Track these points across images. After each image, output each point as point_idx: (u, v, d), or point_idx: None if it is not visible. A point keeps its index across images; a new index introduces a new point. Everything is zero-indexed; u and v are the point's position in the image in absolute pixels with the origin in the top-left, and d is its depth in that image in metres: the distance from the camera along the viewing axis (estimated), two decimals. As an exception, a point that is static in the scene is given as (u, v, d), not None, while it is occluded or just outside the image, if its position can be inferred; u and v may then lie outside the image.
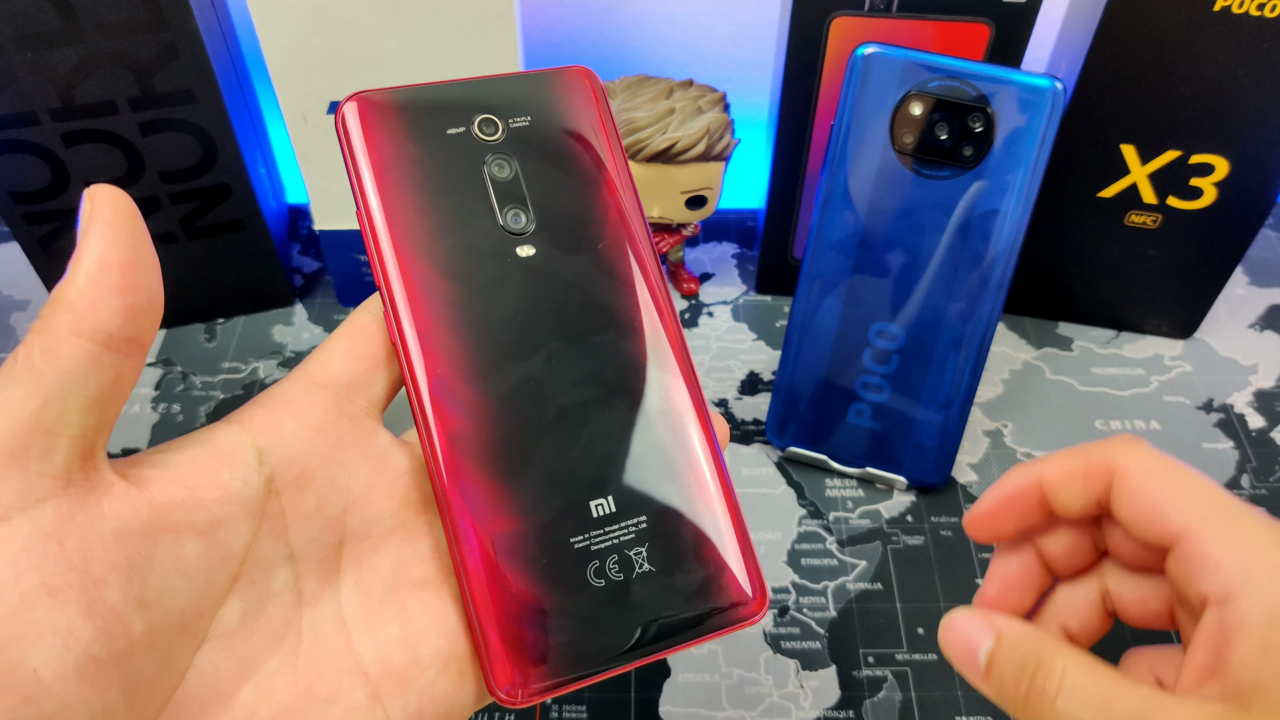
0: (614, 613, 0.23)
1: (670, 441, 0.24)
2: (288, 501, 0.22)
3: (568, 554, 0.23)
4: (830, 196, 0.40)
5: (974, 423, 0.47)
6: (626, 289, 0.25)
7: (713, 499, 0.24)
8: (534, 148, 0.25)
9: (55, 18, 0.39)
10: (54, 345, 0.18)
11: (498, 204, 0.24)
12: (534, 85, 0.25)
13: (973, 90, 0.37)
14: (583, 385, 0.24)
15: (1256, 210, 0.45)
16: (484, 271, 0.24)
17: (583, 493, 0.23)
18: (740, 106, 0.62)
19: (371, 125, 0.24)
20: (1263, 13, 0.39)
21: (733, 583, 0.24)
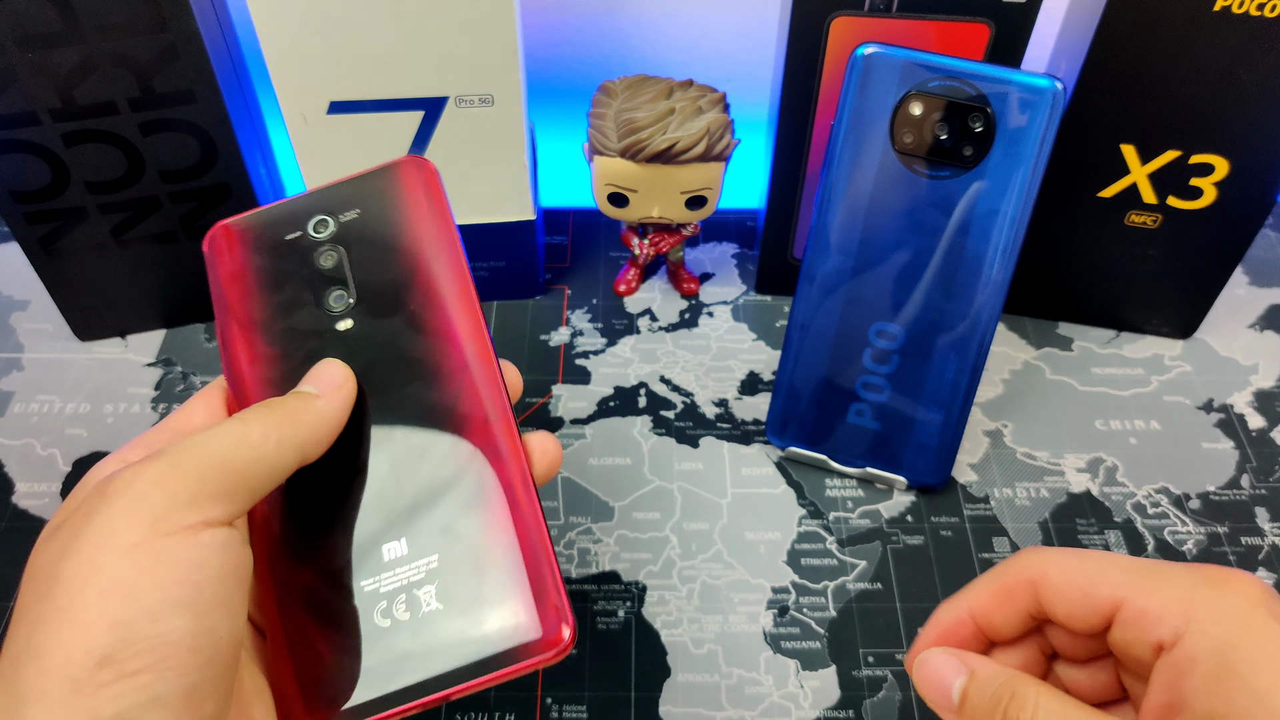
0: (397, 653, 0.23)
1: (470, 486, 0.25)
2: None
3: (358, 598, 0.24)
4: (830, 196, 0.40)
5: (974, 423, 0.47)
6: (437, 343, 0.27)
7: (512, 540, 0.24)
8: (360, 235, 0.28)
9: (56, 18, 0.39)
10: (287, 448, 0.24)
11: (322, 289, 0.27)
12: (367, 182, 0.28)
13: (973, 90, 0.37)
14: (388, 437, 0.26)
15: (1256, 210, 0.45)
16: (303, 348, 0.27)
17: (377, 537, 0.25)
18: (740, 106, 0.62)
19: (225, 247, 0.28)
20: (1263, 13, 0.39)
21: (526, 620, 0.24)
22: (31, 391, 0.48)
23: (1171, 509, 0.44)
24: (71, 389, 0.48)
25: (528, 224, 0.49)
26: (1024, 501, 0.44)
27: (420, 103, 0.43)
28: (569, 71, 0.63)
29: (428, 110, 0.43)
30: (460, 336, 0.27)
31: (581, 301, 0.53)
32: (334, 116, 0.43)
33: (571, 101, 0.64)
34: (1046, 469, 0.46)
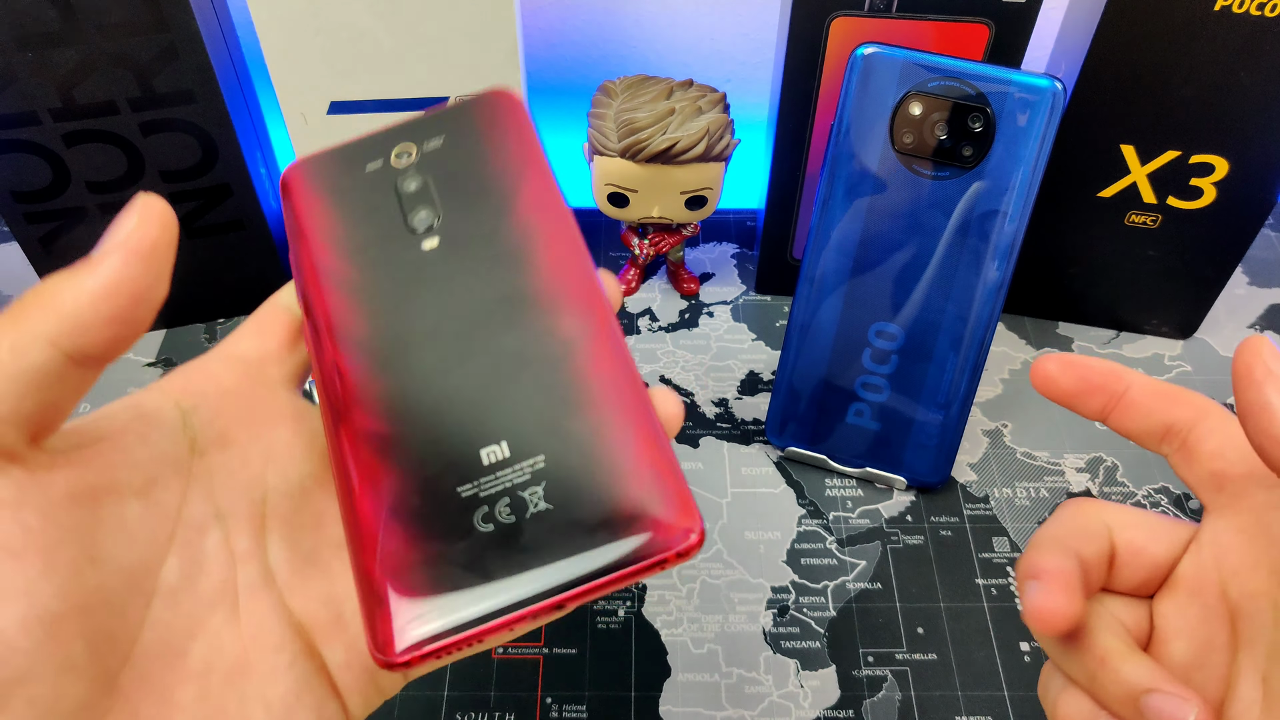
0: (503, 557, 0.21)
1: (572, 381, 0.23)
2: (212, 461, 0.23)
3: (452, 503, 0.22)
4: (830, 196, 0.40)
5: (974, 423, 0.47)
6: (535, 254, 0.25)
7: (620, 428, 0.23)
8: (445, 160, 0.27)
9: (56, 18, 0.39)
10: (26, 345, 0.19)
11: (405, 209, 0.26)
12: (450, 114, 0.28)
13: (973, 90, 0.37)
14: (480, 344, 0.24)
15: (1256, 210, 0.45)
16: (390, 264, 0.25)
17: (473, 442, 0.23)
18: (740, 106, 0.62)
19: (301, 182, 0.27)
20: (1263, 13, 0.39)
21: (648, 513, 0.22)
22: (31, 391, 0.48)
23: (1171, 509, 0.44)
24: (71, 389, 0.48)
25: (528, 224, 0.49)
26: (1024, 501, 0.44)
27: (420, 103, 0.43)
28: (569, 71, 0.63)
29: (428, 110, 0.44)
30: (555, 245, 0.25)
31: (581, 301, 0.53)
32: (334, 116, 0.43)
33: (571, 101, 0.64)
34: (1046, 469, 0.46)
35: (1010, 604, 0.41)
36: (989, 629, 0.40)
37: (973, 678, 0.38)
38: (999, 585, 0.41)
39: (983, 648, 0.39)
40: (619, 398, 0.23)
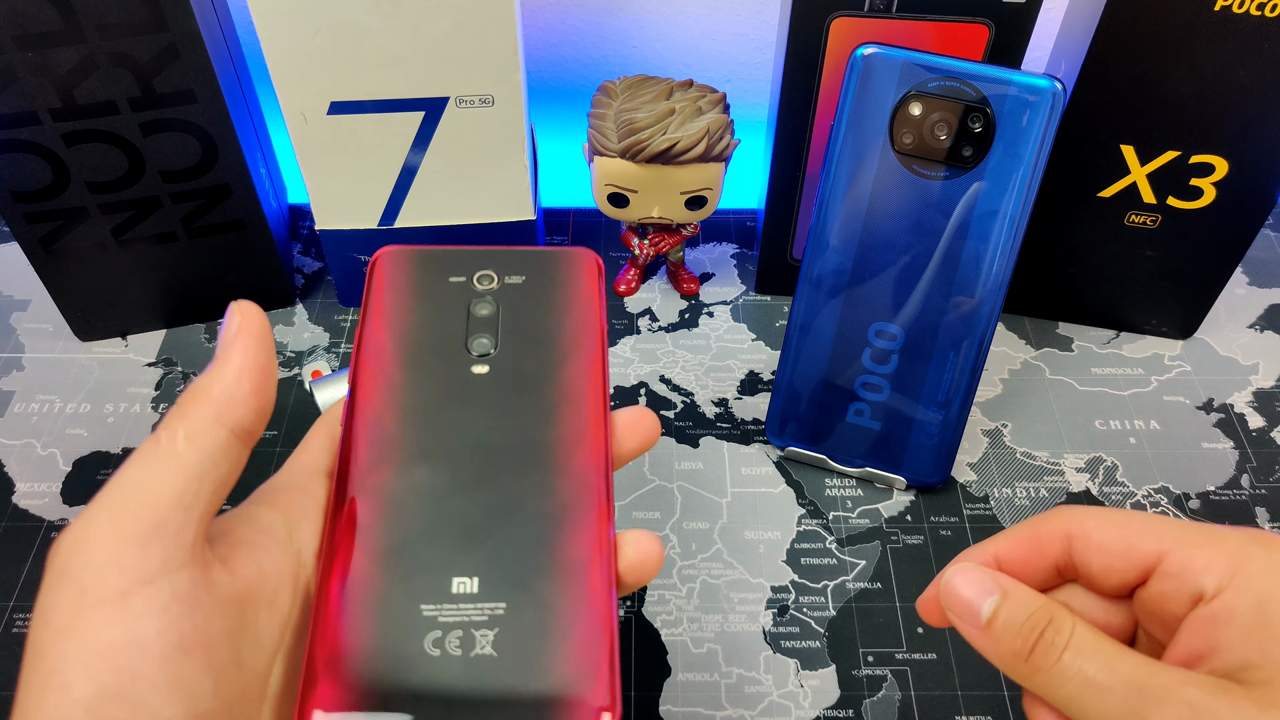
0: (438, 682, 0.23)
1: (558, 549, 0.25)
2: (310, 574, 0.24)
3: (413, 616, 0.24)
4: (830, 197, 0.40)
5: (974, 423, 0.47)
6: (562, 411, 0.27)
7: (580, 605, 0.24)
8: (519, 298, 0.29)
9: (56, 18, 0.39)
10: (199, 432, 0.21)
11: (469, 332, 0.28)
12: (540, 256, 0.30)
13: (972, 91, 0.37)
14: (488, 479, 0.26)
15: (1256, 210, 0.45)
16: (437, 377, 0.27)
17: (451, 568, 0.25)
18: (740, 107, 0.62)
19: (389, 268, 0.29)
20: (1263, 13, 0.39)
21: (576, 690, 0.23)
22: (31, 391, 0.48)
23: (1171, 509, 0.44)
24: (71, 389, 0.49)
25: (528, 224, 0.49)
26: (1023, 501, 0.44)
27: (420, 103, 0.43)
28: (569, 71, 0.63)
29: (428, 110, 0.44)
30: (582, 413, 0.27)
31: (581, 301, 0.53)
32: (334, 116, 0.43)
33: (571, 101, 0.64)
34: (1046, 469, 0.46)
35: (1010, 604, 0.41)
36: (989, 629, 0.40)
37: (973, 677, 0.39)
38: (999, 585, 0.41)
39: (982, 647, 0.39)
40: (590, 576, 0.25)
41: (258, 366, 0.23)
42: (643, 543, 0.26)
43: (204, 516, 0.21)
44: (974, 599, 0.24)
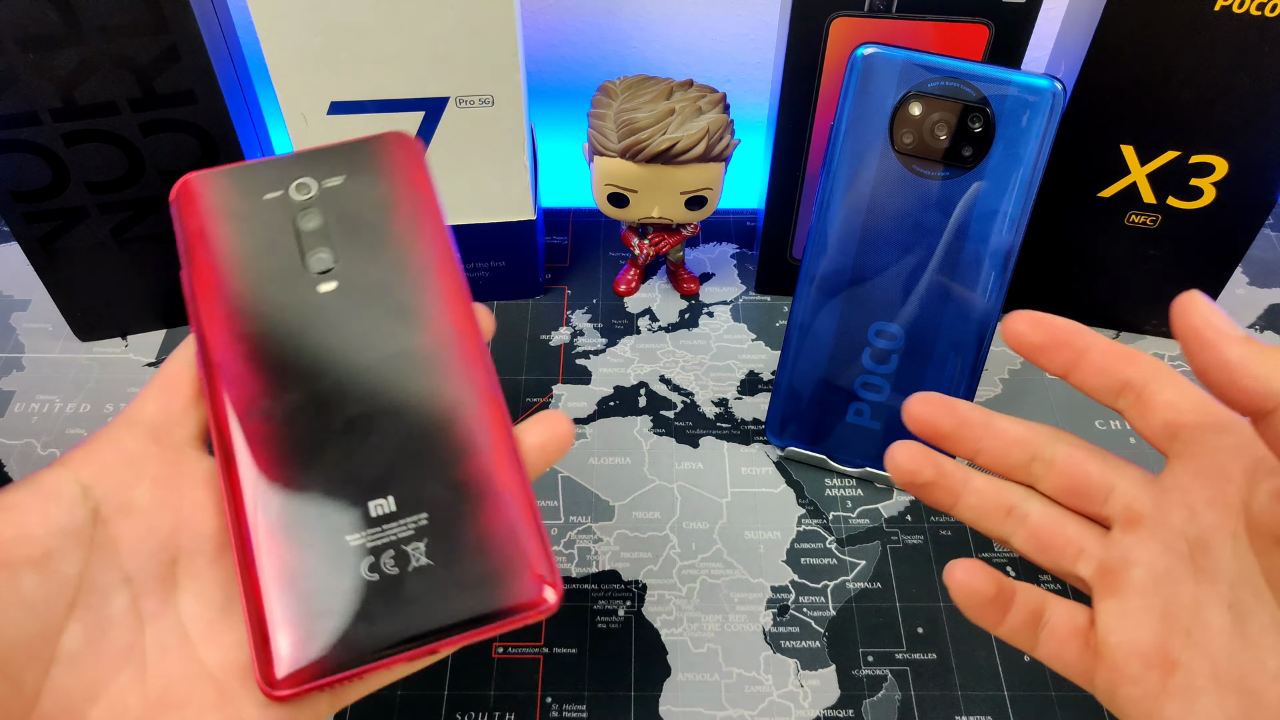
0: (387, 605, 0.23)
1: (456, 445, 0.25)
2: (116, 529, 0.24)
3: (341, 551, 0.24)
4: (830, 197, 0.40)
5: (974, 422, 0.47)
6: (422, 309, 0.26)
7: (501, 497, 0.25)
8: (344, 201, 0.27)
9: (57, 19, 0.39)
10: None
11: (304, 249, 0.27)
12: (351, 150, 0.28)
13: (972, 90, 0.37)
14: (371, 398, 0.25)
15: (1256, 210, 0.45)
16: (286, 305, 0.26)
17: (363, 494, 0.24)
18: (740, 107, 0.62)
19: (196, 199, 0.27)
20: (1263, 13, 0.39)
21: (516, 576, 0.24)
22: (31, 391, 0.48)
23: (1171, 509, 0.44)
24: (71, 389, 0.49)
25: (528, 224, 0.49)
26: None
27: (420, 103, 0.43)
28: (569, 71, 0.63)
29: (428, 110, 0.44)
30: (444, 307, 0.27)
31: (581, 301, 0.53)
32: (334, 117, 0.43)
33: (571, 101, 0.64)
34: (1046, 469, 0.46)
35: (1010, 604, 0.41)
36: (989, 629, 0.40)
37: (973, 677, 0.39)
38: (999, 585, 0.41)
39: (983, 647, 0.39)
40: (496, 462, 0.25)
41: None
42: (548, 421, 0.26)
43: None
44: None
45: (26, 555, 0.22)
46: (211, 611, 0.24)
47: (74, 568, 0.23)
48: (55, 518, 0.23)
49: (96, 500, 0.24)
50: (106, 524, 0.24)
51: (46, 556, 0.22)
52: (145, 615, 0.24)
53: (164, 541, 0.24)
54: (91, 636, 0.23)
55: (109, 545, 0.23)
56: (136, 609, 0.23)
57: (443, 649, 0.24)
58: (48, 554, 0.22)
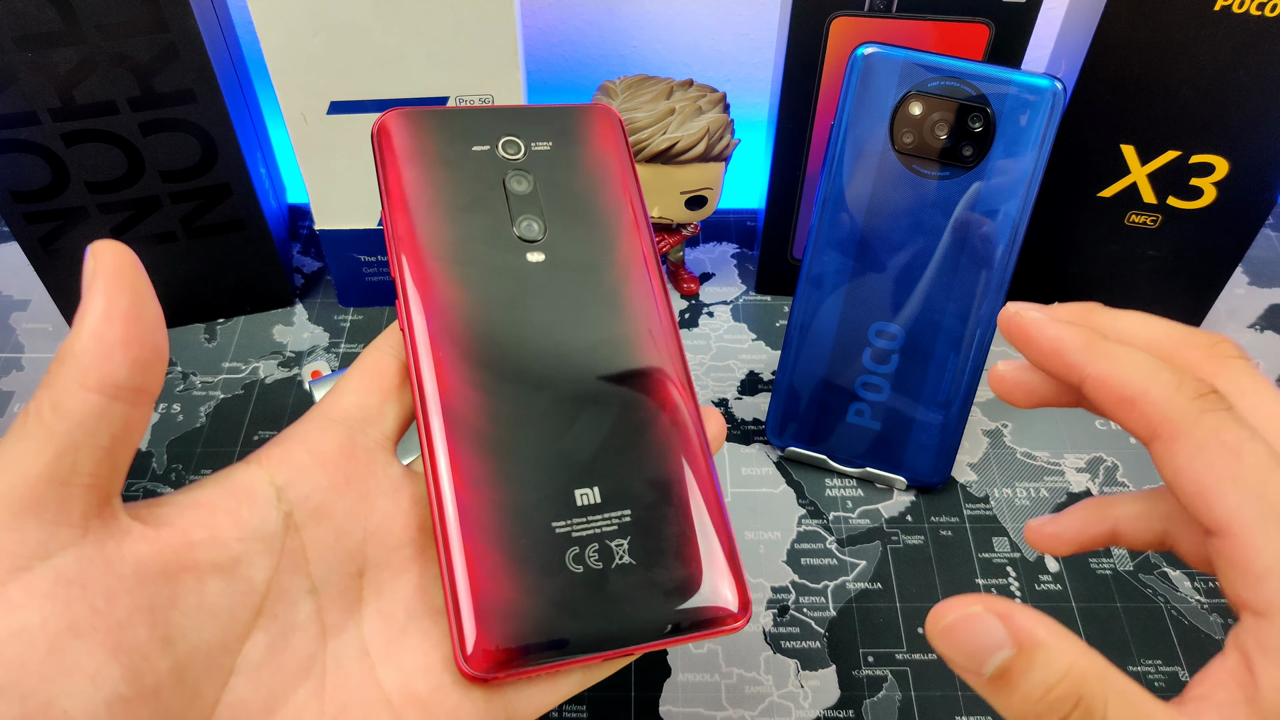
0: (589, 599, 0.23)
1: (661, 444, 0.24)
2: (307, 535, 0.22)
3: (547, 537, 0.23)
4: (830, 196, 0.40)
5: (974, 423, 0.47)
6: (629, 297, 0.26)
7: (701, 504, 0.24)
8: (552, 168, 0.26)
9: (56, 18, 0.39)
10: (63, 399, 0.19)
11: (513, 213, 0.26)
12: (559, 115, 0.27)
13: (973, 90, 0.37)
14: (579, 383, 0.24)
15: (1256, 210, 0.45)
16: (495, 274, 0.25)
17: (569, 481, 0.24)
18: (740, 106, 0.62)
19: (402, 137, 0.26)
20: (1263, 13, 0.39)
21: (716, 588, 0.23)
22: (31, 391, 0.48)
23: (1171, 509, 0.44)
24: (71, 389, 0.48)
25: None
26: (1024, 501, 0.44)
27: (420, 103, 0.43)
28: (569, 71, 0.63)
29: (428, 110, 0.44)
30: (654, 296, 0.26)
31: (581, 301, 0.53)
32: (334, 116, 0.43)
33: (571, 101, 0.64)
34: (1046, 469, 0.46)
35: (1010, 604, 0.41)
36: (989, 629, 0.40)
37: (973, 678, 0.38)
38: (999, 585, 0.41)
39: (983, 648, 0.39)
40: (696, 465, 0.24)
41: (123, 313, 0.20)
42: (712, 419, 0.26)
43: (91, 488, 0.19)
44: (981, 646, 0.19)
45: (215, 561, 0.21)
46: (393, 629, 0.23)
47: (263, 575, 0.21)
48: (248, 521, 0.21)
49: (290, 504, 0.22)
50: (298, 530, 0.22)
51: (235, 563, 0.21)
52: (328, 627, 0.22)
53: (352, 552, 0.23)
54: (274, 647, 0.21)
55: (298, 552, 0.22)
56: (320, 620, 0.22)
57: (636, 653, 0.23)
58: (236, 560, 0.21)
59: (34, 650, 0.17)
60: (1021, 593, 0.41)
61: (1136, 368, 0.21)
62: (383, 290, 0.52)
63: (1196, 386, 0.21)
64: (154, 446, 0.46)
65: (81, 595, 0.18)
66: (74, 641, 0.18)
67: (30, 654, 0.17)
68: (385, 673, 0.23)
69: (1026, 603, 0.41)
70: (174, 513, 0.21)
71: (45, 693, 0.17)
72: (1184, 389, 0.21)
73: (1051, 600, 0.41)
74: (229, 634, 0.21)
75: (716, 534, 0.24)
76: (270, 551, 0.22)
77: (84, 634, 0.18)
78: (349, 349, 0.50)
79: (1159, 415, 0.21)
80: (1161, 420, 0.21)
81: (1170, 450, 0.20)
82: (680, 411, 0.25)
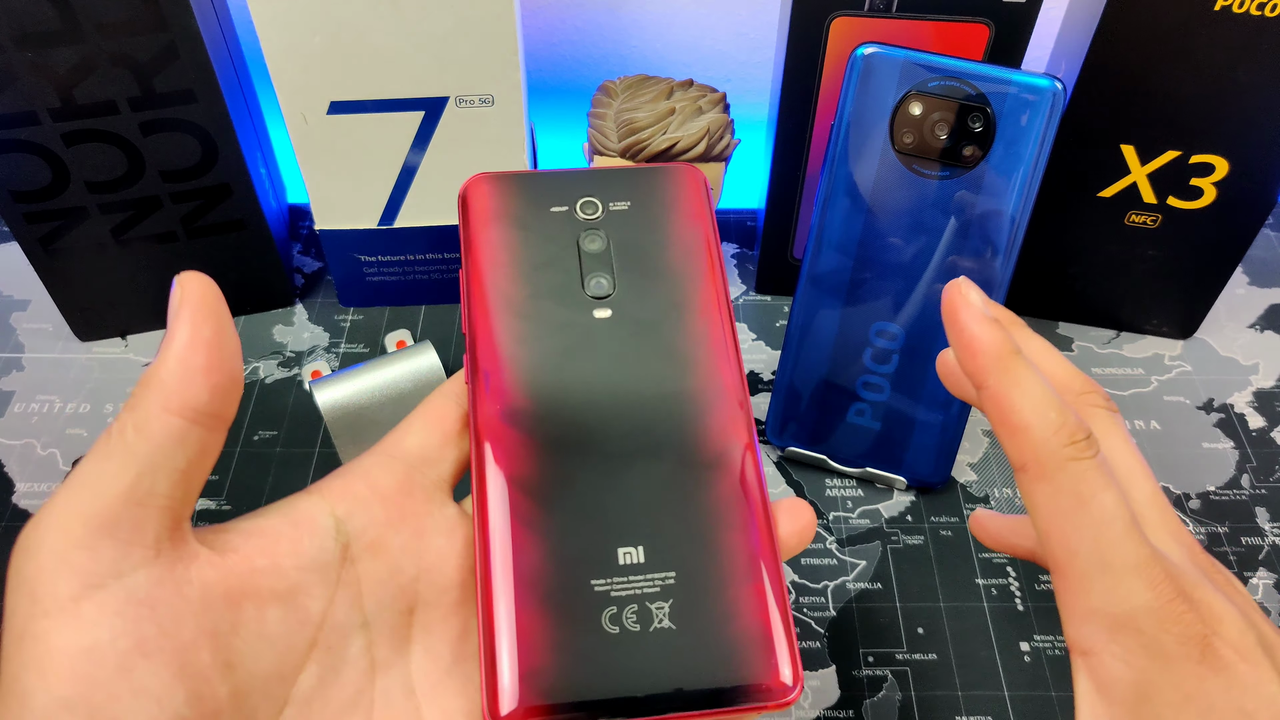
0: (624, 662, 0.22)
1: (718, 510, 0.24)
2: (363, 569, 0.23)
3: (585, 595, 0.23)
4: (830, 196, 0.40)
5: (974, 423, 0.47)
6: (697, 355, 0.25)
7: (754, 571, 0.23)
8: (628, 228, 0.27)
9: (55, 17, 0.39)
10: (146, 422, 0.20)
11: (584, 271, 0.26)
12: (642, 176, 0.28)
13: (973, 90, 0.37)
14: (636, 441, 0.24)
15: (1256, 210, 0.45)
16: (560, 327, 0.25)
17: (613, 539, 0.23)
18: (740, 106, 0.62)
19: (485, 199, 0.27)
20: (1263, 13, 0.39)
21: (763, 661, 0.22)
22: (31, 391, 0.48)
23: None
24: (71, 389, 0.48)
25: (528, 224, 0.49)
26: (1024, 502, 0.44)
27: (420, 103, 0.43)
28: (569, 71, 0.63)
29: (428, 110, 0.44)
30: (716, 355, 0.26)
31: (581, 301, 0.53)
32: (334, 116, 0.43)
33: (571, 101, 0.64)
34: (1046, 469, 0.46)
35: (1010, 604, 0.41)
36: (989, 629, 0.40)
37: (973, 678, 0.38)
38: (999, 585, 0.41)
39: (983, 648, 0.39)
40: (752, 533, 0.24)
41: (207, 341, 0.20)
42: (796, 510, 0.25)
43: (166, 510, 0.20)
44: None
45: (274, 589, 0.21)
46: (439, 670, 0.23)
47: (319, 605, 0.22)
48: (307, 551, 0.22)
49: (348, 536, 0.23)
50: (354, 563, 0.23)
51: (293, 592, 0.21)
52: (377, 663, 0.23)
53: (404, 588, 0.23)
54: (325, 679, 0.22)
55: (354, 585, 0.22)
56: (371, 655, 0.23)
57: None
58: (295, 589, 0.21)
59: (103, 668, 0.18)
60: (1022, 593, 0.41)
61: (1031, 400, 0.23)
62: (383, 290, 0.52)
63: (1072, 433, 0.22)
64: (154, 446, 0.46)
65: (150, 616, 0.19)
66: (141, 661, 0.18)
67: (100, 671, 0.18)
68: (429, 711, 0.23)
69: (1027, 604, 0.41)
70: (239, 539, 0.21)
71: (112, 710, 0.18)
72: (1060, 433, 0.22)
73: (1052, 600, 0.41)
74: (285, 663, 0.21)
75: (768, 602, 0.23)
76: (327, 582, 0.22)
77: (151, 654, 0.19)
78: (349, 349, 0.50)
79: (1032, 453, 0.22)
80: (1033, 458, 0.22)
81: (1032, 488, 0.23)
82: (738, 476, 0.24)
